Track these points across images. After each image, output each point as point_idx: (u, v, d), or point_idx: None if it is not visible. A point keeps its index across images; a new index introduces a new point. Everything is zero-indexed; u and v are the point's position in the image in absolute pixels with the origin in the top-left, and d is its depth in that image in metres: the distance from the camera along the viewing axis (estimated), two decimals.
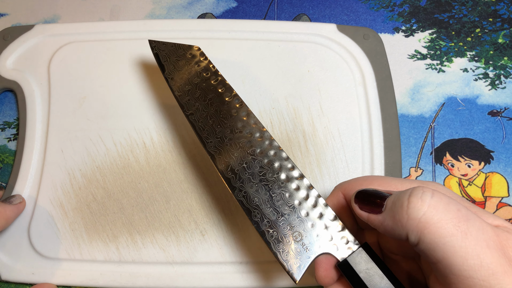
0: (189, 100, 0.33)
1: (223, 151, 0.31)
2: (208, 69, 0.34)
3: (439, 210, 0.22)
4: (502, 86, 0.43)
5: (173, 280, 0.37)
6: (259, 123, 0.32)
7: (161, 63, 0.35)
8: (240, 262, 0.38)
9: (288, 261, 0.28)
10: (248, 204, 0.29)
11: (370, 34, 0.43)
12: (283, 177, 0.30)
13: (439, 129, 0.42)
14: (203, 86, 0.34)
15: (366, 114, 0.41)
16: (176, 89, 0.34)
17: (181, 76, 0.34)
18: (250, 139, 0.31)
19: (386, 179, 0.27)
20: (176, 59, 0.35)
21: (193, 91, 0.34)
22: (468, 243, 0.21)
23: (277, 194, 0.29)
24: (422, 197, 0.22)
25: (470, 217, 0.22)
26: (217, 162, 0.31)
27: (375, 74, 0.42)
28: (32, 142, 0.40)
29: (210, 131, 0.32)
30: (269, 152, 0.31)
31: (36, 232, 0.38)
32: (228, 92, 0.33)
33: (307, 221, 0.29)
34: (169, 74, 0.35)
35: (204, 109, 0.33)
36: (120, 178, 0.39)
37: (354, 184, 0.28)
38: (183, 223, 0.38)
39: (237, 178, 0.30)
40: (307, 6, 0.46)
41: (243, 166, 0.30)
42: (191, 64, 0.35)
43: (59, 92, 0.41)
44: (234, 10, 0.46)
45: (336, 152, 0.40)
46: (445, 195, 0.23)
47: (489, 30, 0.45)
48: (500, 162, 0.41)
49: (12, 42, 0.43)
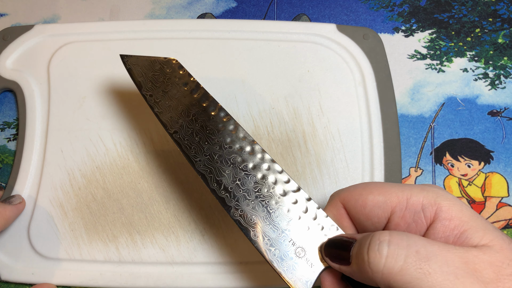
0: (171, 117, 0.31)
1: (213, 169, 0.30)
2: (189, 82, 0.32)
3: (398, 259, 0.22)
4: (502, 86, 0.43)
5: (173, 280, 0.37)
6: (248, 136, 0.30)
7: (137, 80, 0.33)
8: (240, 262, 0.38)
9: (293, 279, 0.27)
10: (246, 224, 0.28)
11: (370, 34, 0.43)
12: (279, 191, 0.29)
13: (439, 129, 0.42)
14: (185, 102, 0.31)
15: (366, 114, 0.41)
16: (156, 107, 0.32)
17: (160, 93, 0.32)
18: (241, 154, 0.30)
19: (385, 187, 0.26)
20: (153, 74, 0.32)
21: (175, 107, 0.31)
22: (434, 281, 0.21)
23: (274, 210, 0.28)
24: (379, 250, 0.22)
25: (431, 255, 0.22)
26: (209, 182, 0.29)
27: (375, 74, 0.42)
28: (31, 142, 0.40)
29: (197, 149, 0.30)
30: (262, 166, 0.29)
31: (36, 232, 0.38)
32: (212, 106, 0.31)
33: (309, 236, 0.28)
34: (146, 91, 0.32)
35: (188, 126, 0.31)
36: (119, 178, 0.39)
37: (353, 193, 0.27)
38: (182, 223, 0.38)
39: (231, 197, 0.29)
40: (307, 6, 0.46)
41: (236, 183, 0.29)
42: (170, 79, 0.32)
43: (58, 92, 0.41)
44: (234, 10, 0.46)
45: (336, 152, 0.40)
46: (403, 238, 0.23)
47: (489, 30, 0.45)
48: (500, 162, 0.41)
49: (12, 42, 0.43)
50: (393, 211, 0.26)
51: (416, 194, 0.25)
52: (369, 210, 0.26)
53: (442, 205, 0.24)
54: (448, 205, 0.24)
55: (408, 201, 0.25)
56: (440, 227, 0.24)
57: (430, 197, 0.25)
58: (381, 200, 0.26)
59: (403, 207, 0.25)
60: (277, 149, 0.40)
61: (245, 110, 0.41)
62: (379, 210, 0.26)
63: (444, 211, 0.24)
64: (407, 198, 0.25)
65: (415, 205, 0.25)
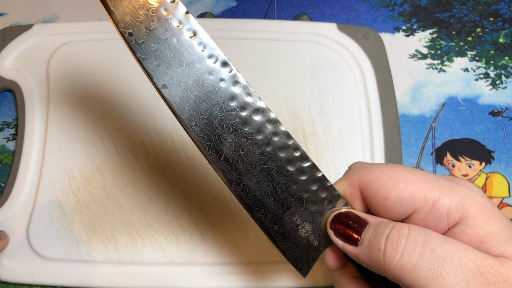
0: (158, 66, 0.24)
1: (212, 136, 0.25)
2: (180, 18, 0.24)
3: (413, 255, 0.22)
4: (503, 86, 0.43)
5: (172, 281, 0.37)
6: (255, 95, 0.25)
7: (110, 9, 0.24)
8: (240, 262, 0.37)
9: (296, 256, 0.26)
10: (248, 199, 0.25)
11: (370, 33, 0.43)
12: (289, 166, 0.25)
13: (440, 129, 0.42)
14: (175, 44, 0.24)
15: (366, 114, 0.41)
16: (139, 51, 0.24)
17: (143, 30, 0.24)
18: (245, 119, 0.25)
19: (413, 181, 0.24)
20: (131, 3, 0.24)
21: (163, 52, 0.24)
22: (445, 284, 0.21)
23: (281, 185, 0.25)
24: (396, 244, 0.22)
25: (446, 256, 0.21)
26: (207, 151, 0.25)
27: (376, 73, 0.41)
28: (31, 142, 0.40)
29: (193, 110, 0.25)
30: (271, 135, 0.25)
31: (35, 232, 0.38)
32: (212, 54, 0.25)
33: (316, 214, 0.26)
34: (125, 27, 0.24)
35: (181, 79, 0.24)
36: (119, 178, 0.39)
37: (376, 181, 0.25)
38: (182, 224, 0.38)
39: (233, 169, 0.25)
40: (307, 6, 0.46)
41: (239, 154, 0.25)
42: (156, 12, 0.24)
43: (58, 92, 0.41)
44: (234, 10, 0.46)
45: (336, 152, 0.40)
46: (421, 234, 0.22)
47: (490, 30, 0.45)
48: (501, 162, 0.41)
49: (11, 41, 0.43)
50: (416, 211, 0.24)
51: (444, 195, 0.23)
52: (390, 205, 0.24)
53: (468, 212, 0.23)
54: (475, 212, 0.23)
55: (434, 203, 0.23)
56: (461, 232, 0.23)
57: (458, 201, 0.23)
58: (406, 197, 0.24)
59: (427, 209, 0.24)
60: None
61: None
62: (401, 208, 0.24)
63: (470, 217, 0.23)
64: (434, 200, 0.23)
65: (441, 209, 0.23)
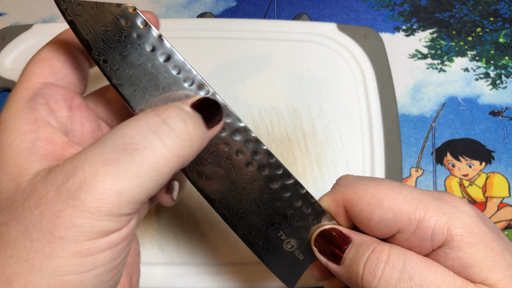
0: (134, 92, 0.24)
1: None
2: (153, 42, 0.24)
3: (390, 282, 0.22)
4: (503, 86, 0.43)
5: (172, 281, 0.37)
6: (233, 115, 0.26)
7: (83, 38, 0.23)
8: (240, 263, 0.37)
9: (282, 270, 0.26)
10: (232, 217, 0.25)
11: (370, 33, 0.43)
12: (271, 184, 0.25)
13: (440, 129, 0.42)
14: (150, 69, 0.24)
15: (366, 114, 0.40)
16: (114, 77, 0.24)
17: (117, 57, 0.24)
18: (225, 139, 0.25)
19: (397, 201, 0.23)
20: (105, 30, 0.23)
21: (139, 77, 0.24)
22: None
23: (265, 203, 0.25)
24: (374, 270, 0.22)
25: (424, 284, 0.21)
26: (187, 172, 0.25)
27: (376, 73, 0.41)
28: None
29: None
30: (252, 154, 0.25)
31: None
32: (186, 75, 0.24)
33: (301, 229, 0.26)
34: (99, 54, 0.24)
35: (158, 103, 0.24)
36: None
37: (359, 200, 0.24)
38: (182, 224, 0.38)
39: (214, 189, 0.25)
40: (307, 5, 0.46)
41: (220, 173, 0.25)
42: (128, 37, 0.24)
43: None
44: (234, 9, 0.46)
45: (337, 152, 0.40)
46: (401, 259, 0.22)
47: (490, 30, 0.45)
48: (501, 162, 0.41)
49: (11, 41, 0.43)
50: (400, 231, 0.23)
51: (429, 216, 0.23)
52: (373, 225, 0.24)
53: (453, 235, 0.22)
54: (460, 235, 0.22)
55: (419, 224, 0.23)
56: (445, 255, 0.22)
57: (443, 222, 0.22)
58: (390, 217, 0.23)
59: (412, 230, 0.23)
60: (277, 149, 0.40)
61: (245, 110, 0.40)
62: (385, 227, 0.24)
63: (455, 240, 0.22)
64: (418, 221, 0.23)
65: (425, 231, 0.23)
